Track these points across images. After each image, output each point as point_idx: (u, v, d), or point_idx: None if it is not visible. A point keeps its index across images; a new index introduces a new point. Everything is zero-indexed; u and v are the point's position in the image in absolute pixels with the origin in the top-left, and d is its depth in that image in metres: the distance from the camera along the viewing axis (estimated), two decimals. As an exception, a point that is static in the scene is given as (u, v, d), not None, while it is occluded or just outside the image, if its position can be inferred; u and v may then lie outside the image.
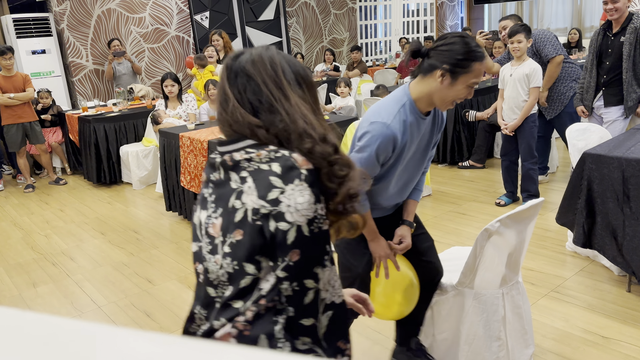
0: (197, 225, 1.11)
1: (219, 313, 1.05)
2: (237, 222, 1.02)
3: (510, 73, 3.93)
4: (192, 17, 8.28)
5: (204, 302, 1.09)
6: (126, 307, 3.08)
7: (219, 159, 1.08)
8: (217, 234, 1.06)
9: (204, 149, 3.96)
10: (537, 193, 4.06)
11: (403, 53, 9.58)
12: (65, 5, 7.17)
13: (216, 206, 1.07)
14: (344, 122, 4.40)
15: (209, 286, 1.08)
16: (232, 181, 1.05)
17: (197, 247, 1.11)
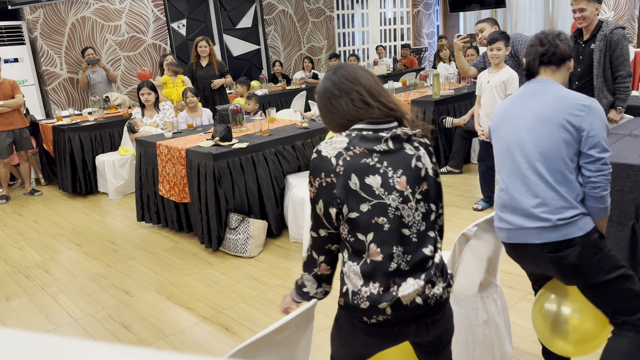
0: (369, 188, 1.36)
1: (420, 244, 1.40)
2: (422, 177, 1.42)
3: (487, 80, 4.00)
4: (168, 25, 8.23)
5: (400, 242, 1.37)
6: (103, 320, 3.01)
7: (387, 134, 1.40)
8: (404, 188, 1.39)
9: (182, 157, 3.93)
10: (513, 197, 4.12)
11: (380, 61, 9.67)
12: (39, 13, 7.06)
13: (394, 169, 1.39)
14: (323, 130, 4.41)
15: (403, 228, 1.38)
16: (407, 149, 1.42)
17: (369, 207, 1.36)
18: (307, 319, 1.37)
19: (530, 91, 1.88)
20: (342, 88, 1.42)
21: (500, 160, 1.90)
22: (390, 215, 1.36)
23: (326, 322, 2.78)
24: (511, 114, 1.89)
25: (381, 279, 1.35)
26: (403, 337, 1.43)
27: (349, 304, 1.38)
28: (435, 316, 1.42)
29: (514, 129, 1.85)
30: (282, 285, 3.26)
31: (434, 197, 1.44)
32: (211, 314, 2.99)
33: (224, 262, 3.69)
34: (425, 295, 1.37)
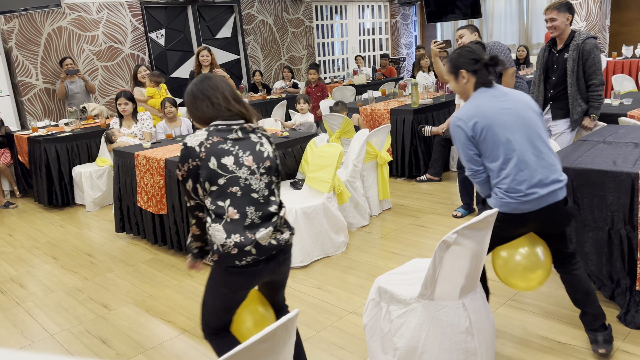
0: (225, 166, 1.84)
1: (267, 204, 1.91)
2: (265, 157, 1.93)
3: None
4: (147, 35, 8.17)
5: (250, 203, 1.87)
6: (80, 334, 2.94)
7: (237, 125, 1.91)
8: (251, 164, 1.89)
9: (161, 167, 3.88)
10: (492, 204, 4.17)
11: (360, 70, 9.75)
12: (14, 23, 6.94)
13: (243, 150, 1.89)
14: (304, 138, 4.42)
15: (252, 193, 1.87)
16: (252, 138, 1.94)
17: (225, 180, 1.83)
18: (289, 329, 1.36)
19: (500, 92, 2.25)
20: (205, 94, 1.91)
21: (503, 149, 2.16)
22: (242, 184, 1.86)
23: (309, 332, 2.77)
24: (503, 110, 2.18)
25: (241, 231, 1.84)
26: (265, 274, 1.92)
27: (222, 255, 1.85)
28: (286, 255, 1.98)
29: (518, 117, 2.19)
30: (264, 296, 3.23)
31: (274, 172, 1.97)
32: (191, 326, 2.94)
33: (204, 274, 3.64)
34: (277, 239, 1.91)
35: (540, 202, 2.16)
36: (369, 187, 4.49)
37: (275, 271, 1.95)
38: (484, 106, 2.19)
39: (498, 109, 2.18)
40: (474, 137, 2.18)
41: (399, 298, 2.10)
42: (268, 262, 1.89)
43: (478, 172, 2.24)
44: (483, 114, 2.16)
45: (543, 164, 2.17)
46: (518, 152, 2.15)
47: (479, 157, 2.21)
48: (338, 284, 3.32)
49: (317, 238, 3.68)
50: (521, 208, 2.16)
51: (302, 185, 4.05)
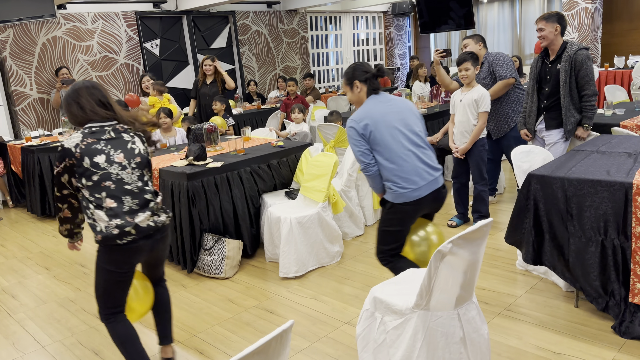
0: (97, 164, 2.17)
1: (142, 193, 2.26)
2: (136, 154, 2.28)
3: (460, 99, 4.08)
4: (142, 45, 8.18)
5: (125, 193, 2.21)
6: (72, 346, 2.91)
7: (110, 127, 2.26)
8: (122, 160, 2.23)
9: (155, 177, 3.87)
10: (487, 214, 4.19)
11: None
12: (8, 32, 6.94)
13: (115, 149, 2.23)
14: (299, 148, 4.42)
15: (125, 185, 2.21)
16: (124, 137, 2.28)
17: (98, 177, 2.17)
18: (284, 340, 1.35)
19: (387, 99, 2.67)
20: (77, 100, 2.24)
21: (390, 145, 2.56)
22: (114, 179, 2.19)
23: (303, 343, 2.75)
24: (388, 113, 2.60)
25: (121, 216, 2.17)
26: (145, 251, 2.25)
27: (105, 235, 2.15)
28: (163, 234, 2.33)
29: (397, 120, 2.59)
30: (258, 307, 3.21)
31: (144, 166, 2.30)
32: (185, 337, 2.92)
33: (198, 284, 3.62)
34: (154, 221, 2.26)
35: (427, 188, 2.59)
36: (363, 196, 4.49)
37: (154, 248, 2.32)
38: (373, 110, 2.60)
39: (385, 112, 2.60)
40: (364, 135, 2.58)
41: (394, 308, 2.09)
42: (147, 240, 2.24)
43: (369, 165, 2.60)
44: (372, 116, 2.57)
45: (421, 158, 2.61)
46: (403, 148, 2.57)
47: (370, 152, 2.59)
48: (333, 294, 3.30)
49: (312, 248, 3.67)
50: (413, 195, 2.57)
51: (297, 194, 4.04)
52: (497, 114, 4.45)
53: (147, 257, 2.35)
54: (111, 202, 2.17)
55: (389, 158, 2.56)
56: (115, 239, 2.15)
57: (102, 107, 2.26)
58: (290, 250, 3.55)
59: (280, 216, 3.61)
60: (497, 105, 4.41)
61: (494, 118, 4.48)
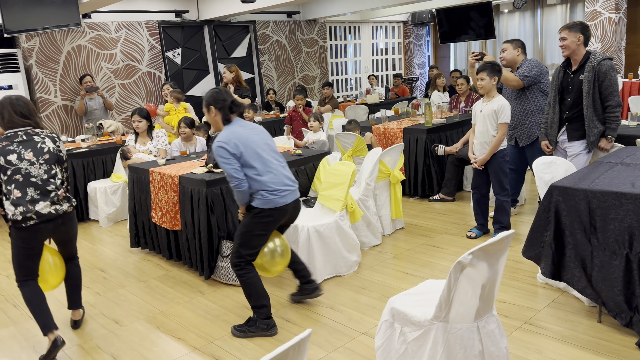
0: (10, 161, 2.72)
1: (45, 185, 2.79)
2: (45, 151, 2.81)
3: (480, 109, 4.04)
4: (163, 54, 8.32)
5: (30, 185, 2.74)
6: (91, 350, 2.94)
7: (22, 132, 2.79)
8: (31, 158, 2.76)
9: (175, 184, 3.91)
10: (508, 225, 4.13)
11: (373, 89, 9.80)
12: (35, 41, 7.12)
13: (25, 149, 2.76)
14: (316, 157, 4.43)
15: (31, 178, 2.75)
16: (35, 139, 2.80)
17: (10, 171, 2.72)
18: (302, 349, 1.35)
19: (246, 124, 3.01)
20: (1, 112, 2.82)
21: (261, 161, 2.91)
22: (23, 173, 2.74)
23: (320, 353, 2.73)
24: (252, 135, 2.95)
25: (24, 204, 2.73)
26: (47, 232, 2.84)
27: (13, 220, 2.74)
28: (64, 219, 2.88)
29: (260, 140, 2.97)
30: (275, 315, 3.21)
31: (53, 161, 2.84)
32: (202, 344, 2.93)
33: (215, 291, 3.63)
34: (55, 209, 2.81)
35: (291, 196, 2.98)
36: (381, 205, 4.47)
37: (56, 230, 2.88)
38: (238, 132, 2.91)
39: (249, 134, 2.93)
40: (235, 155, 2.85)
41: (413, 320, 2.07)
42: (48, 223, 2.80)
43: (242, 182, 2.87)
44: (239, 137, 2.88)
45: (284, 172, 3.00)
46: (268, 163, 2.93)
47: (241, 169, 2.87)
48: (350, 304, 3.28)
49: (330, 257, 3.66)
50: (281, 202, 2.92)
51: (315, 203, 4.04)
52: (526, 122, 4.40)
53: (54, 237, 2.98)
54: (17, 193, 2.74)
55: (261, 172, 2.89)
56: (21, 223, 2.73)
57: (20, 117, 2.82)
58: (308, 258, 3.55)
59: (297, 224, 3.61)
60: (525, 112, 4.38)
61: (520, 125, 4.44)
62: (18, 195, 2.72)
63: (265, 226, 2.93)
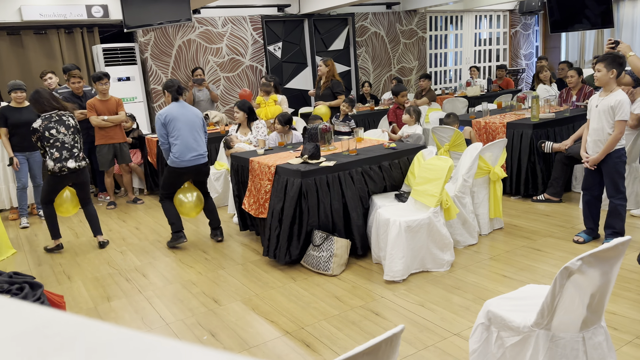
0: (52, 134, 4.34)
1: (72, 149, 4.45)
2: (71, 127, 4.46)
3: (596, 104, 3.72)
4: (265, 48, 8.61)
5: (64, 149, 4.38)
6: (192, 326, 3.15)
7: (55, 113, 4.39)
8: (64, 131, 4.40)
9: (271, 173, 4.05)
10: (622, 231, 3.78)
11: (474, 81, 9.40)
12: (150, 36, 7.70)
13: (58, 125, 4.37)
14: (411, 150, 4.35)
15: (65, 144, 4.39)
16: (63, 119, 4.42)
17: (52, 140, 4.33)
18: (394, 344, 1.34)
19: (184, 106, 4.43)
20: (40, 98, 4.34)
21: (178, 132, 4.32)
22: (60, 140, 4.32)
23: (409, 350, 2.70)
24: (181, 113, 4.37)
25: (60, 162, 4.33)
26: (71, 179, 4.44)
27: (52, 171, 4.33)
28: (82, 171, 4.50)
29: (188, 118, 4.38)
30: (364, 307, 3.22)
31: (76, 133, 4.45)
32: (293, 329, 3.02)
33: (306, 279, 3.72)
34: (78, 165, 4.42)
35: (192, 162, 4.39)
36: (479, 204, 4.30)
37: (77, 179, 4.48)
38: (174, 110, 4.36)
39: (179, 112, 4.36)
40: (164, 124, 4.32)
41: (511, 324, 1.97)
42: (72, 174, 4.42)
43: (164, 143, 4.38)
44: (171, 113, 4.33)
45: (192, 144, 4.37)
46: (181, 136, 4.33)
47: (167, 136, 4.34)
48: (442, 303, 3.20)
49: (419, 253, 3.60)
50: (181, 164, 4.35)
51: (407, 197, 3.98)
52: None
53: (74, 183, 4.52)
54: (56, 154, 4.32)
55: (173, 141, 4.32)
56: (57, 173, 4.36)
57: (54, 103, 4.36)
58: (397, 253, 3.51)
59: (389, 218, 3.58)
60: None
61: None
62: (57, 156, 4.31)
63: (172, 177, 4.43)
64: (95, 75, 5.73)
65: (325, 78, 6.53)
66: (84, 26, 7.46)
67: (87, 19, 7.15)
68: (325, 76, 6.52)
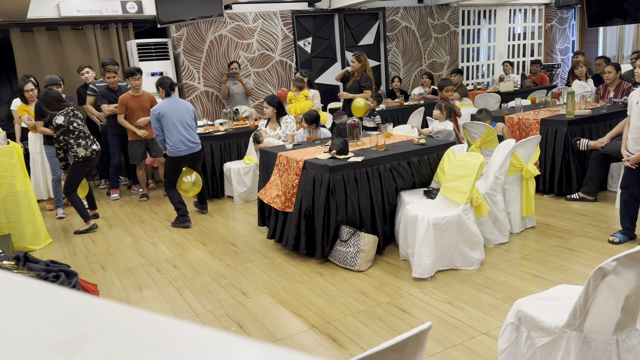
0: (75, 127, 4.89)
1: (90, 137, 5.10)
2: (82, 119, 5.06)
3: (637, 100, 3.60)
4: (295, 43, 8.62)
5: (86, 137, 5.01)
6: (221, 317, 3.20)
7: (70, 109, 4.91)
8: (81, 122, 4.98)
9: (299, 167, 4.06)
10: (660, 232, 3.65)
11: (507, 77, 9.21)
12: (183, 31, 7.81)
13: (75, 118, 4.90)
14: (442, 146, 4.30)
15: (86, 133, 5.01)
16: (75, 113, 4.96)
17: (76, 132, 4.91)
18: (421, 341, 1.33)
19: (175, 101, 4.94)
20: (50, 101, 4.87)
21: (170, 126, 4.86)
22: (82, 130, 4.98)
23: (436, 347, 2.68)
24: (172, 108, 4.86)
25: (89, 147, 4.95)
26: (95, 162, 5.16)
27: (84, 156, 4.91)
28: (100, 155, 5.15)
29: (179, 112, 4.90)
30: (391, 303, 3.21)
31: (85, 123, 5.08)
32: (320, 323, 3.03)
33: (333, 274, 3.73)
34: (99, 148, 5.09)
35: (186, 152, 4.93)
36: (510, 201, 4.22)
37: (94, 161, 5.07)
38: (166, 105, 4.85)
39: (170, 107, 4.85)
40: (158, 119, 4.83)
41: (542, 325, 1.93)
42: (96, 157, 5.03)
43: (158, 135, 4.91)
44: (164, 109, 4.82)
45: (186, 135, 4.90)
46: (173, 129, 4.84)
47: (161, 129, 4.86)
48: (470, 302, 3.16)
49: (448, 251, 3.55)
50: (177, 154, 4.91)
51: (437, 194, 3.94)
52: None
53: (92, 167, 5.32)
54: (83, 142, 4.86)
55: (167, 134, 4.85)
56: (89, 157, 4.92)
57: (61, 102, 4.85)
58: (426, 251, 3.48)
59: (417, 215, 3.55)
60: None
61: None
62: (84, 143, 4.87)
63: (172, 165, 4.99)
64: (127, 71, 5.83)
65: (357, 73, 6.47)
66: (118, 22, 7.62)
67: (121, 14, 7.30)
68: (357, 71, 6.46)
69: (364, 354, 1.22)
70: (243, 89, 7.62)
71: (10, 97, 8.70)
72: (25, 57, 7.09)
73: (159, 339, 0.36)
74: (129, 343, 0.36)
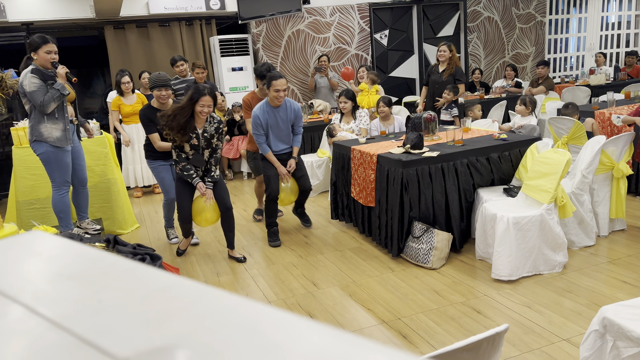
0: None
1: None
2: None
3: None
4: (372, 36, 8.56)
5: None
6: (292, 306, 3.27)
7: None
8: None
9: (373, 162, 4.04)
10: None
11: (599, 69, 8.59)
12: (262, 27, 8.01)
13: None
14: (524, 142, 4.10)
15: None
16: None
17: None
18: (497, 343, 1.28)
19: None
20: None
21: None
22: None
23: (512, 351, 2.57)
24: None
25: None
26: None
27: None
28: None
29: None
30: (465, 304, 3.12)
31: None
32: (390, 318, 3.01)
33: (404, 270, 3.68)
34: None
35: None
36: (599, 202, 3.94)
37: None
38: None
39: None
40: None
41: (630, 335, 1.80)
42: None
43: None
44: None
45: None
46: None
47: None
48: (551, 306, 3.00)
49: (530, 252, 3.38)
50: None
51: (517, 192, 3.76)
52: None
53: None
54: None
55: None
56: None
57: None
58: (505, 251, 3.34)
59: (496, 214, 3.42)
60: None
61: None
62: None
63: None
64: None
65: (447, 64, 6.19)
66: (202, 18, 7.95)
67: (205, 11, 7.61)
68: (447, 62, 6.17)
69: (437, 351, 1.20)
70: (328, 83, 7.69)
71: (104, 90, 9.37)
72: (117, 53, 7.60)
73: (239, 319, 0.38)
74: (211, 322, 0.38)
